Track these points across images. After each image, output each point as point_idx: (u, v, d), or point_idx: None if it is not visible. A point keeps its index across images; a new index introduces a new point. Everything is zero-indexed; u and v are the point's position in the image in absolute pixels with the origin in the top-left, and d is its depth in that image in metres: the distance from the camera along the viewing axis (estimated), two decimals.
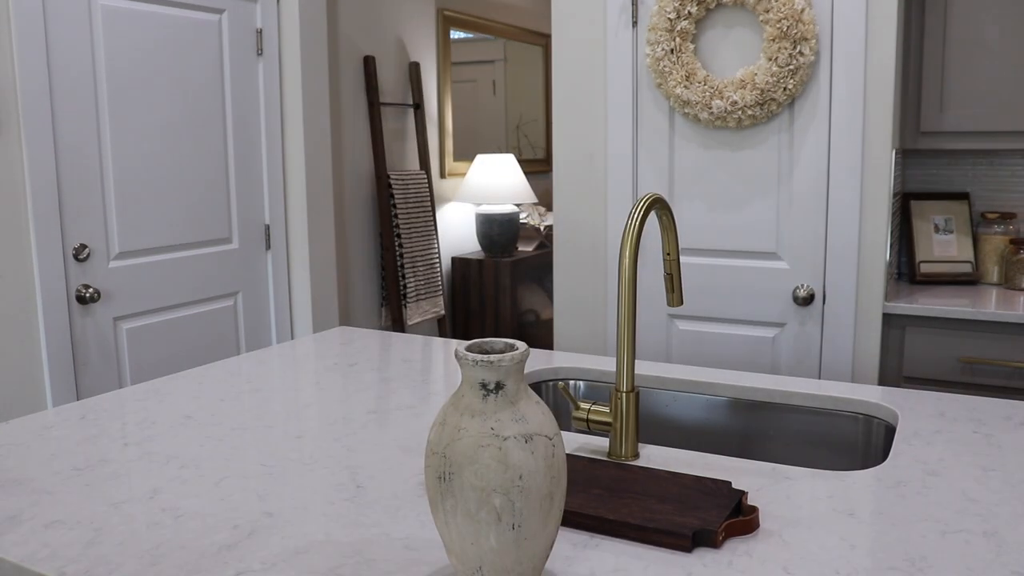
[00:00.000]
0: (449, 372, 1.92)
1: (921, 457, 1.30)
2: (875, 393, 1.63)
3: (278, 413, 1.51)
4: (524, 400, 0.87)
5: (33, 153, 2.29)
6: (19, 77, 2.25)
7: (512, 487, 0.84)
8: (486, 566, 0.88)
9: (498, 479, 0.84)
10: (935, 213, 2.77)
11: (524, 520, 0.85)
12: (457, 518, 0.86)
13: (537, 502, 0.86)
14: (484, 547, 0.86)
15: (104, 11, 2.46)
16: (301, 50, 3.06)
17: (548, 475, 0.87)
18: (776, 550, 1.01)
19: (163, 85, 2.65)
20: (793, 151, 2.38)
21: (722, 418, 1.68)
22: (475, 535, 0.86)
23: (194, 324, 2.80)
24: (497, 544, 0.86)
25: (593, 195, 2.64)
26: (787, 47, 2.25)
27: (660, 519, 1.05)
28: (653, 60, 2.41)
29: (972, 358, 2.33)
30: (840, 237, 2.34)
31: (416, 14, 4.22)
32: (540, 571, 0.93)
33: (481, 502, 0.84)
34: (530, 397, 0.89)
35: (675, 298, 1.46)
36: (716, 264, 2.50)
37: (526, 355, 0.88)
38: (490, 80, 5.03)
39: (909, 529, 1.06)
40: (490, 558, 0.87)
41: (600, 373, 1.79)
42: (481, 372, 0.86)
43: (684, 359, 2.53)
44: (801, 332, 2.42)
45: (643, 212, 1.32)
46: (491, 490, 0.84)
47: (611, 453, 1.32)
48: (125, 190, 2.54)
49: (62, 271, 2.38)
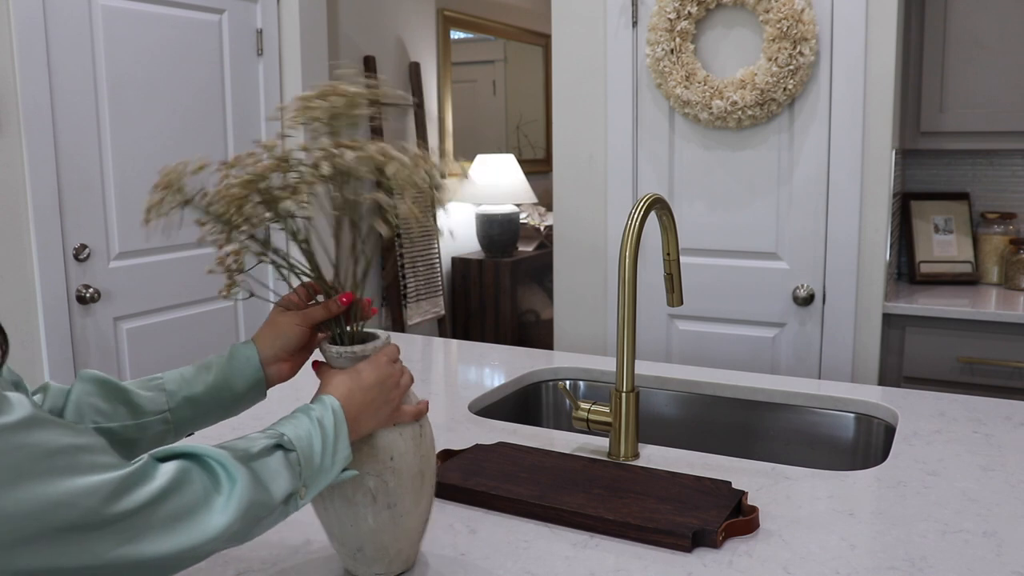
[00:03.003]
0: (449, 372, 1.92)
1: (921, 457, 1.30)
2: (875, 393, 1.63)
3: (278, 413, 1.51)
4: None
5: (33, 153, 2.28)
6: (19, 77, 2.25)
7: (384, 469, 0.88)
8: (367, 546, 0.91)
9: (370, 463, 0.88)
10: (935, 213, 2.77)
11: (398, 499, 0.90)
12: (335, 503, 0.90)
13: (409, 481, 0.90)
14: (363, 528, 0.90)
15: (104, 11, 2.46)
16: (301, 50, 3.06)
17: (418, 454, 0.91)
18: (776, 550, 1.01)
19: (163, 85, 2.65)
20: (793, 151, 2.38)
21: (722, 418, 1.68)
22: (353, 517, 0.90)
23: (194, 324, 2.79)
24: (375, 524, 0.90)
25: (593, 195, 2.64)
26: (787, 47, 2.25)
27: (660, 519, 1.05)
28: (653, 60, 2.41)
29: (972, 358, 2.33)
30: (840, 237, 2.34)
31: (416, 14, 4.22)
32: (417, 546, 0.97)
33: (356, 485, 0.88)
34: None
35: (675, 298, 1.46)
36: (716, 264, 2.50)
37: (387, 343, 0.92)
38: (490, 80, 5.03)
39: (909, 529, 1.06)
40: (369, 538, 0.91)
41: (600, 373, 1.79)
42: (346, 363, 0.90)
43: (684, 359, 2.53)
44: (801, 332, 2.42)
45: (643, 212, 1.32)
46: (365, 473, 0.88)
47: (611, 453, 1.32)
48: (125, 190, 2.54)
49: (62, 271, 2.37)
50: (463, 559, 0.99)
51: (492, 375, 1.81)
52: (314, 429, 0.81)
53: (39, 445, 0.61)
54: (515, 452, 1.28)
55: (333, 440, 0.82)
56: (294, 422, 0.82)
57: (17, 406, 0.62)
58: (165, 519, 0.67)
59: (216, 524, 0.70)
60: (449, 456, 1.27)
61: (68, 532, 0.62)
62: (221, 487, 0.72)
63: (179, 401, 0.90)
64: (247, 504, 0.73)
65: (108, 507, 0.64)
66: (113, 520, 0.64)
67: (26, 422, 0.61)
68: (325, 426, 0.82)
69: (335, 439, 0.82)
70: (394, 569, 0.94)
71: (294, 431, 0.80)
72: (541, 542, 1.04)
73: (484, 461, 1.24)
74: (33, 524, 0.60)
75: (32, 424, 0.62)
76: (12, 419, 0.61)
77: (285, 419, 0.83)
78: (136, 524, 0.65)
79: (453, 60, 4.52)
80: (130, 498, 0.65)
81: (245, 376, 0.93)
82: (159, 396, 0.89)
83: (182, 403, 0.90)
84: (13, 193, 2.27)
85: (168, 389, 0.90)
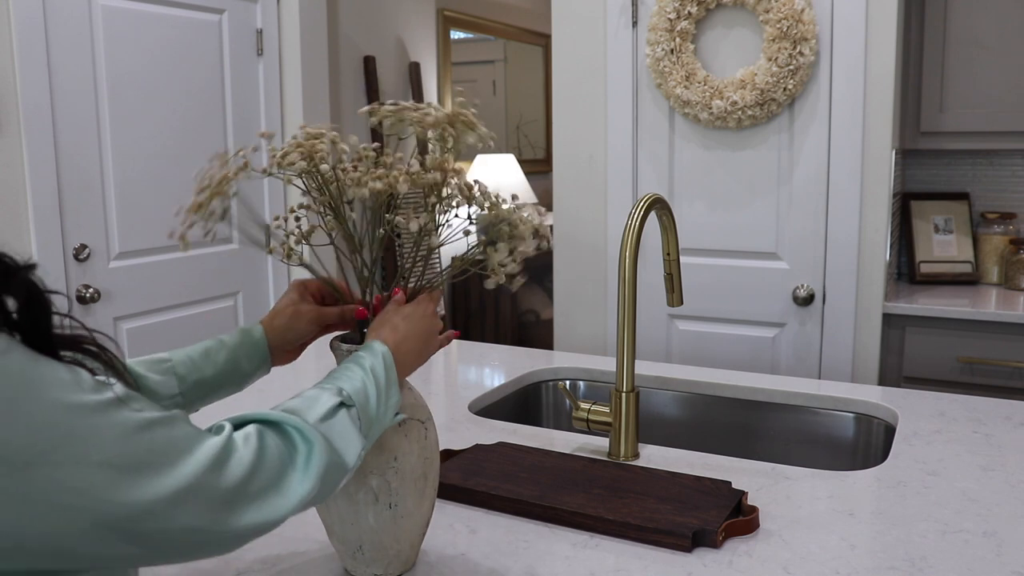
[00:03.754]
0: (449, 372, 1.92)
1: (921, 457, 1.30)
2: (875, 393, 1.63)
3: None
4: None
5: (33, 153, 2.28)
6: (19, 77, 2.25)
7: (388, 468, 0.89)
8: (366, 545, 0.92)
9: (374, 461, 0.89)
10: (935, 213, 2.76)
11: (400, 499, 0.90)
12: (337, 500, 0.90)
13: (412, 482, 0.91)
14: (363, 527, 0.90)
15: (104, 11, 2.46)
16: (301, 50, 3.06)
17: (421, 456, 0.92)
18: (776, 550, 1.01)
19: (163, 85, 2.65)
20: (793, 151, 2.37)
21: (722, 418, 1.68)
22: (354, 516, 0.90)
23: (194, 324, 2.79)
24: (375, 523, 0.90)
25: (593, 195, 2.64)
26: (787, 47, 2.25)
27: (660, 519, 1.05)
28: (653, 60, 2.41)
29: (972, 358, 2.33)
30: (840, 237, 2.34)
31: (416, 14, 4.22)
32: (417, 547, 0.97)
33: (359, 484, 0.89)
34: (403, 383, 0.92)
35: (675, 298, 1.46)
36: (716, 264, 2.50)
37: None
38: (490, 80, 5.03)
39: (909, 529, 1.06)
40: (369, 537, 0.91)
41: (600, 373, 1.79)
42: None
43: (684, 359, 2.53)
44: (801, 332, 2.42)
45: (643, 212, 1.32)
46: (368, 472, 0.89)
47: (611, 453, 1.32)
48: (125, 190, 2.54)
49: (62, 271, 2.37)
50: (463, 559, 0.99)
51: (492, 375, 1.81)
52: (368, 380, 0.81)
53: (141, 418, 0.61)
54: (515, 452, 1.28)
55: (385, 388, 0.82)
56: (348, 374, 0.81)
57: (113, 385, 0.61)
58: (255, 492, 0.66)
59: (298, 492, 0.70)
60: (449, 456, 1.27)
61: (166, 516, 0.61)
62: (299, 454, 0.72)
63: (190, 384, 0.91)
64: (325, 469, 0.72)
65: (204, 484, 0.62)
66: (214, 500, 0.63)
67: (126, 398, 0.61)
68: (378, 375, 0.82)
69: (387, 386, 0.82)
70: (393, 570, 0.94)
71: (350, 384, 0.80)
72: (541, 542, 1.04)
73: (484, 461, 1.24)
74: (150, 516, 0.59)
75: (131, 400, 0.61)
76: (111, 395, 0.60)
77: (339, 371, 0.82)
78: (230, 501, 0.64)
79: (453, 60, 4.52)
80: (224, 476, 0.64)
81: (253, 359, 0.95)
82: (170, 380, 0.89)
83: (192, 386, 0.91)
84: (13, 193, 2.27)
85: (179, 373, 0.90)
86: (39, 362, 0.57)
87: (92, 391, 0.59)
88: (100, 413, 0.58)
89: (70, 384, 0.58)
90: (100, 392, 0.59)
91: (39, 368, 0.57)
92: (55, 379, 0.57)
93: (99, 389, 0.60)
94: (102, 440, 0.58)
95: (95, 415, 0.58)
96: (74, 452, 0.56)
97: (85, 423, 0.57)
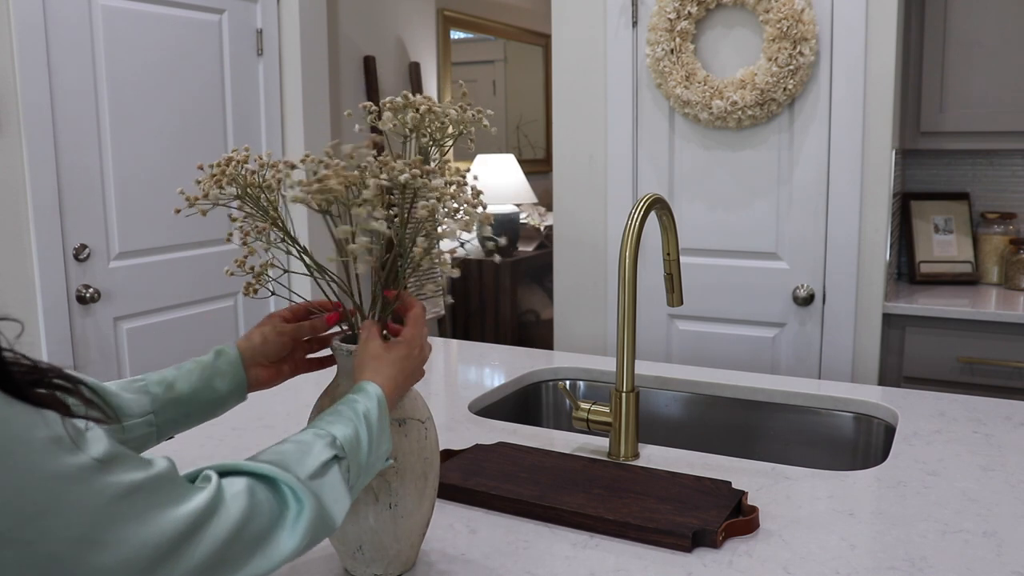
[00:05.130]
0: (449, 372, 1.92)
1: (921, 457, 1.30)
2: (875, 393, 1.63)
3: (278, 413, 1.51)
4: None
5: (33, 153, 2.28)
6: (19, 77, 2.25)
7: (387, 469, 0.88)
8: (366, 545, 0.92)
9: None
10: (935, 213, 2.76)
11: (400, 499, 0.90)
12: None
13: (412, 482, 0.91)
14: (363, 527, 0.90)
15: (104, 11, 2.46)
16: (301, 50, 3.06)
17: (421, 456, 0.92)
18: (776, 550, 1.01)
19: (163, 85, 2.65)
20: (793, 151, 2.37)
21: (722, 418, 1.68)
22: (354, 515, 0.90)
23: (194, 324, 2.79)
24: (375, 523, 0.90)
25: (593, 195, 2.64)
26: (787, 47, 2.25)
27: (660, 519, 1.05)
28: (653, 60, 2.41)
29: (972, 358, 2.33)
30: (840, 237, 2.34)
31: (416, 14, 4.22)
32: (418, 547, 0.97)
33: None
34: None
35: (675, 298, 1.46)
36: (716, 264, 2.50)
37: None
38: (490, 80, 5.03)
39: (909, 529, 1.06)
40: (369, 537, 0.91)
41: (600, 373, 1.79)
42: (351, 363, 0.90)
43: (684, 359, 2.53)
44: (801, 332, 2.42)
45: (643, 212, 1.32)
46: None
47: (611, 453, 1.32)
48: (125, 190, 2.54)
49: (62, 271, 2.37)
50: (463, 559, 0.99)
51: (492, 375, 1.81)
52: (361, 427, 0.79)
53: (120, 484, 0.58)
54: (515, 452, 1.28)
55: (378, 435, 0.80)
56: (341, 421, 0.78)
57: (93, 442, 0.58)
58: (240, 551, 0.65)
59: (285, 549, 0.69)
60: (449, 456, 1.27)
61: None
62: (289, 510, 0.70)
63: (163, 403, 0.88)
64: (313, 527, 0.71)
65: (187, 548, 0.61)
66: (191, 560, 0.61)
67: (107, 459, 0.58)
68: (371, 421, 0.80)
69: (379, 433, 0.81)
70: (392, 571, 0.94)
71: (343, 432, 0.77)
72: (541, 542, 1.04)
73: (484, 461, 1.24)
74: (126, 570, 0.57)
75: (112, 461, 0.58)
76: (91, 457, 0.57)
77: (331, 415, 0.79)
78: (211, 562, 0.63)
79: (453, 60, 4.52)
80: (211, 533, 0.63)
81: (227, 378, 0.93)
82: (143, 398, 0.87)
83: (166, 405, 0.89)
84: (13, 193, 2.27)
85: (152, 392, 0.88)
86: (10, 415, 0.54)
87: (70, 451, 0.56)
88: (80, 482, 0.56)
89: (47, 445, 0.55)
90: (78, 452, 0.56)
91: (11, 425, 0.54)
92: (30, 439, 0.54)
93: (77, 447, 0.56)
94: (79, 513, 0.55)
95: (74, 485, 0.55)
96: (50, 525, 0.54)
97: (63, 497, 0.55)
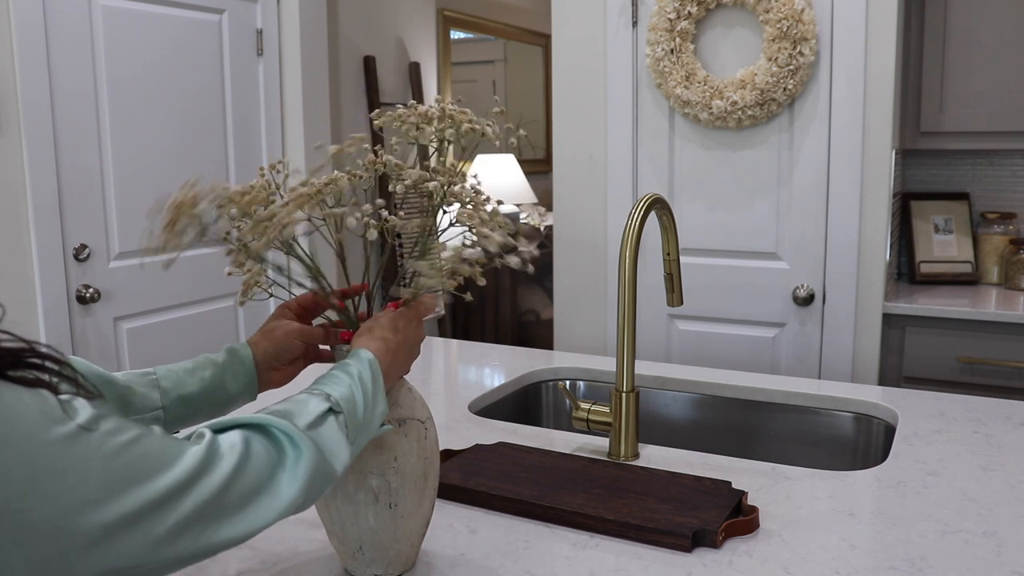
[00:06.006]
0: (449, 372, 1.92)
1: (921, 457, 1.30)
2: (875, 393, 1.63)
3: None
4: (397, 386, 0.92)
5: (33, 153, 2.28)
6: (19, 77, 2.24)
7: (388, 468, 0.89)
8: (366, 544, 0.92)
9: (374, 461, 0.89)
10: (935, 213, 2.76)
11: (400, 499, 0.90)
12: (337, 500, 0.90)
13: (412, 482, 0.91)
14: (363, 527, 0.91)
15: (104, 11, 2.46)
16: (301, 50, 3.06)
17: (421, 456, 0.92)
18: (776, 550, 1.01)
19: (163, 85, 2.65)
20: (793, 151, 2.37)
21: (722, 418, 1.68)
22: (354, 515, 0.90)
23: (194, 324, 2.79)
24: (375, 523, 0.90)
25: (593, 195, 2.64)
26: (787, 47, 2.25)
27: (660, 519, 1.05)
28: (653, 60, 2.41)
29: (972, 358, 2.33)
30: (840, 237, 2.34)
31: (416, 14, 4.22)
32: (417, 547, 0.97)
33: (359, 484, 0.89)
34: (403, 383, 0.93)
35: (675, 298, 1.46)
36: (716, 264, 2.50)
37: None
38: (490, 80, 5.04)
39: (909, 529, 1.06)
40: (369, 537, 0.91)
41: (600, 373, 1.79)
42: None
43: (684, 359, 2.53)
44: (801, 332, 2.42)
45: (643, 212, 1.32)
46: (368, 472, 0.89)
47: (611, 453, 1.32)
48: (125, 190, 2.54)
49: (62, 271, 2.37)
50: (463, 559, 0.99)
51: (492, 375, 1.81)
52: (355, 386, 0.80)
53: (111, 446, 0.59)
54: (515, 452, 1.28)
55: (372, 395, 0.82)
56: (335, 381, 0.80)
57: (80, 409, 0.59)
58: (238, 500, 0.65)
59: (284, 498, 0.69)
60: (449, 456, 1.27)
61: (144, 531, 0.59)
62: (286, 458, 0.71)
63: (173, 399, 0.89)
64: (312, 475, 0.71)
65: (185, 499, 0.61)
66: (190, 512, 0.62)
67: (93, 423, 0.59)
68: (365, 382, 0.81)
69: (374, 394, 0.82)
70: (393, 571, 0.94)
71: (338, 391, 0.79)
72: (541, 542, 1.04)
73: (484, 461, 1.24)
74: (124, 527, 0.58)
75: (99, 425, 0.59)
76: (77, 424, 0.58)
77: (325, 379, 0.81)
78: (211, 512, 0.63)
79: (453, 60, 4.52)
80: (208, 484, 0.63)
81: (239, 378, 0.93)
82: (152, 392, 0.88)
83: (176, 401, 0.89)
84: (13, 193, 2.27)
85: (162, 386, 0.88)
86: (2, 393, 0.55)
87: (60, 421, 0.57)
88: (71, 446, 0.56)
89: (38, 417, 0.56)
90: (67, 421, 0.57)
91: (3, 401, 0.55)
92: (22, 415, 0.55)
93: (66, 416, 0.57)
94: (76, 475, 0.56)
95: (66, 449, 0.56)
96: (44, 493, 0.54)
97: (57, 461, 0.55)
